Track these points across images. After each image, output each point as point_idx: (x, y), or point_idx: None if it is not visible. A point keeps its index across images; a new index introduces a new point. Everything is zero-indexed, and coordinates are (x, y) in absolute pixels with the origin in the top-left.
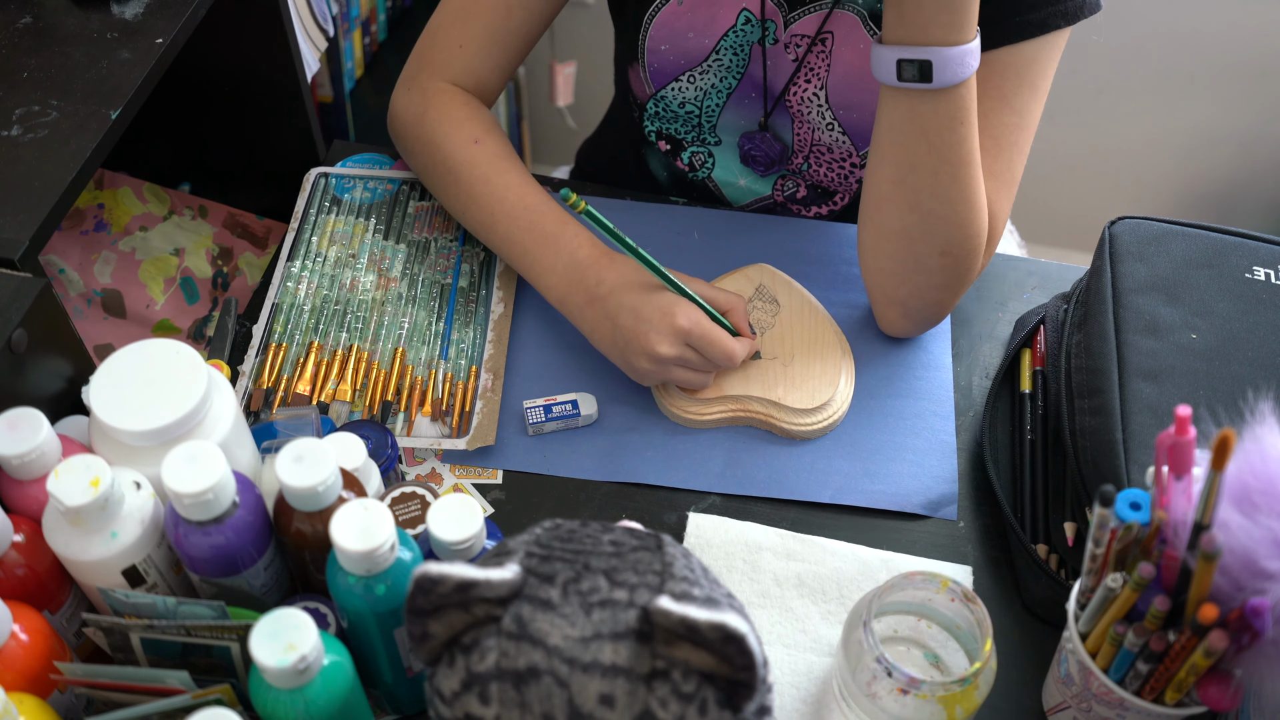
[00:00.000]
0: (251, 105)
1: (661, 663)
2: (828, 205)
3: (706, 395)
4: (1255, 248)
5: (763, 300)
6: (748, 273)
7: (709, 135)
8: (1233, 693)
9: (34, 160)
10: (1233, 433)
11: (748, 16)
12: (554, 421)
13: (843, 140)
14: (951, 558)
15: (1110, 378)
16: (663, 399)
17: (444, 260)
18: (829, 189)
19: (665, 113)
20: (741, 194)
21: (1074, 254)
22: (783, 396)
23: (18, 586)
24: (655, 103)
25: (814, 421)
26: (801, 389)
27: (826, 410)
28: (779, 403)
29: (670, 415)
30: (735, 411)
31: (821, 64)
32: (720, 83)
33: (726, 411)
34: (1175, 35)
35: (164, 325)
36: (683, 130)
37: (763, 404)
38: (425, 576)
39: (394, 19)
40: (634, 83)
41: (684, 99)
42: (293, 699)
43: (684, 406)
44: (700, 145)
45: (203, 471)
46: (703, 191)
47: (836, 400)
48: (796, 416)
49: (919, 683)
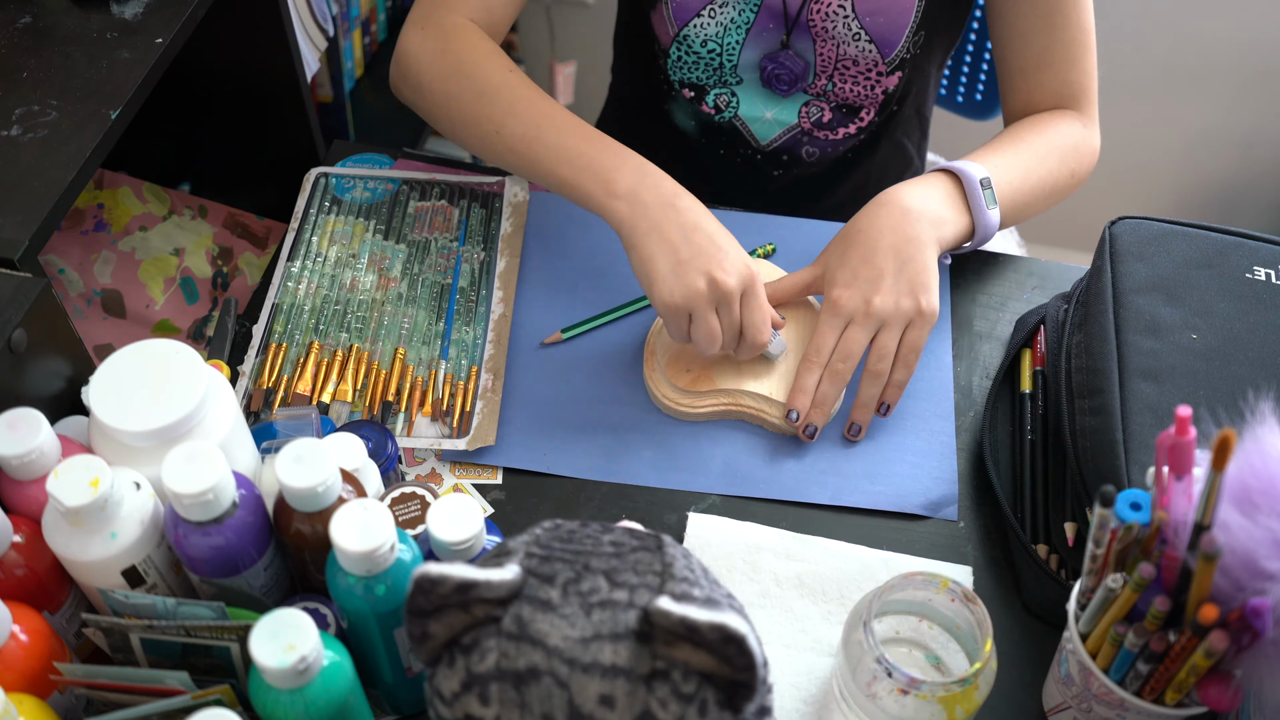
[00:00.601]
0: (251, 105)
1: (661, 663)
2: (855, 123)
3: (698, 388)
4: (1255, 248)
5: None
6: None
7: (730, 76)
8: (1233, 693)
9: (34, 160)
10: (1233, 433)
11: None
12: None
13: (869, 49)
14: (951, 558)
15: (1110, 378)
16: (655, 390)
17: (444, 260)
18: (854, 105)
19: (688, 56)
20: (769, 128)
21: (1074, 254)
22: (772, 391)
23: (17, 587)
24: (678, 46)
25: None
26: (789, 383)
27: None
28: (769, 397)
29: (661, 406)
30: (726, 405)
31: None
32: (739, 16)
33: (718, 405)
34: (1175, 35)
35: (164, 325)
36: (705, 76)
37: (753, 398)
38: (425, 577)
39: (394, 19)
40: (657, 27)
41: (705, 36)
42: (293, 699)
43: (675, 399)
44: (723, 87)
45: (203, 472)
46: (730, 133)
47: None
48: (783, 412)
49: (919, 683)
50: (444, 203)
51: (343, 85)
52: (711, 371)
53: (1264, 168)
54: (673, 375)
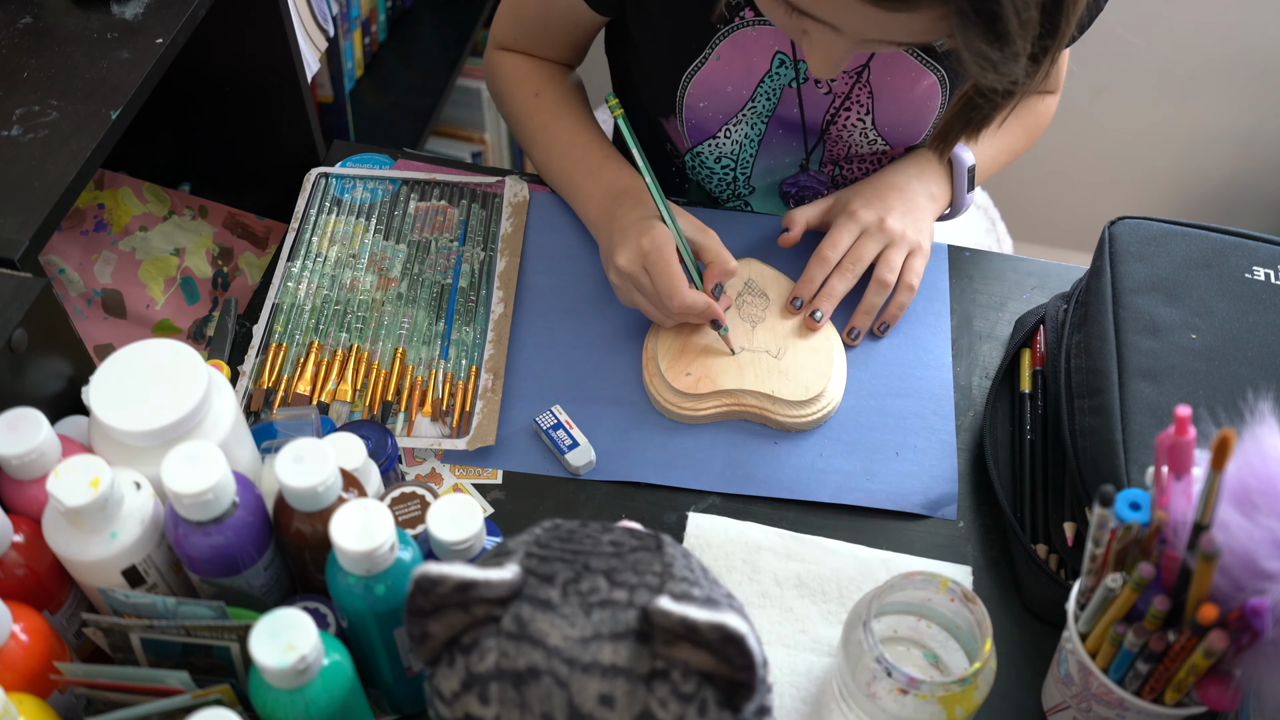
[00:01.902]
0: (251, 105)
1: (661, 663)
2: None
3: (700, 391)
4: (1255, 248)
5: (752, 294)
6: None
7: (743, 188)
8: (1232, 693)
9: (34, 160)
10: (1232, 433)
11: (781, 59)
12: (548, 438)
13: (884, 149)
14: (951, 558)
15: (1110, 378)
16: (655, 395)
17: (444, 260)
18: (857, 179)
19: (701, 169)
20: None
21: (1074, 254)
22: (776, 389)
23: (18, 586)
24: (693, 157)
25: (808, 413)
26: (794, 381)
27: (820, 402)
28: (772, 395)
29: (664, 411)
30: (730, 406)
31: (862, 93)
32: (752, 130)
33: (721, 406)
34: (1175, 35)
35: (164, 325)
36: (719, 187)
37: (756, 397)
38: (425, 577)
39: (394, 19)
40: (672, 133)
41: (720, 154)
42: (293, 699)
43: (677, 403)
44: (736, 199)
45: (203, 472)
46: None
47: (829, 392)
48: (790, 409)
49: (919, 683)
50: (444, 203)
51: (343, 85)
52: (712, 372)
53: (1264, 168)
54: (673, 379)
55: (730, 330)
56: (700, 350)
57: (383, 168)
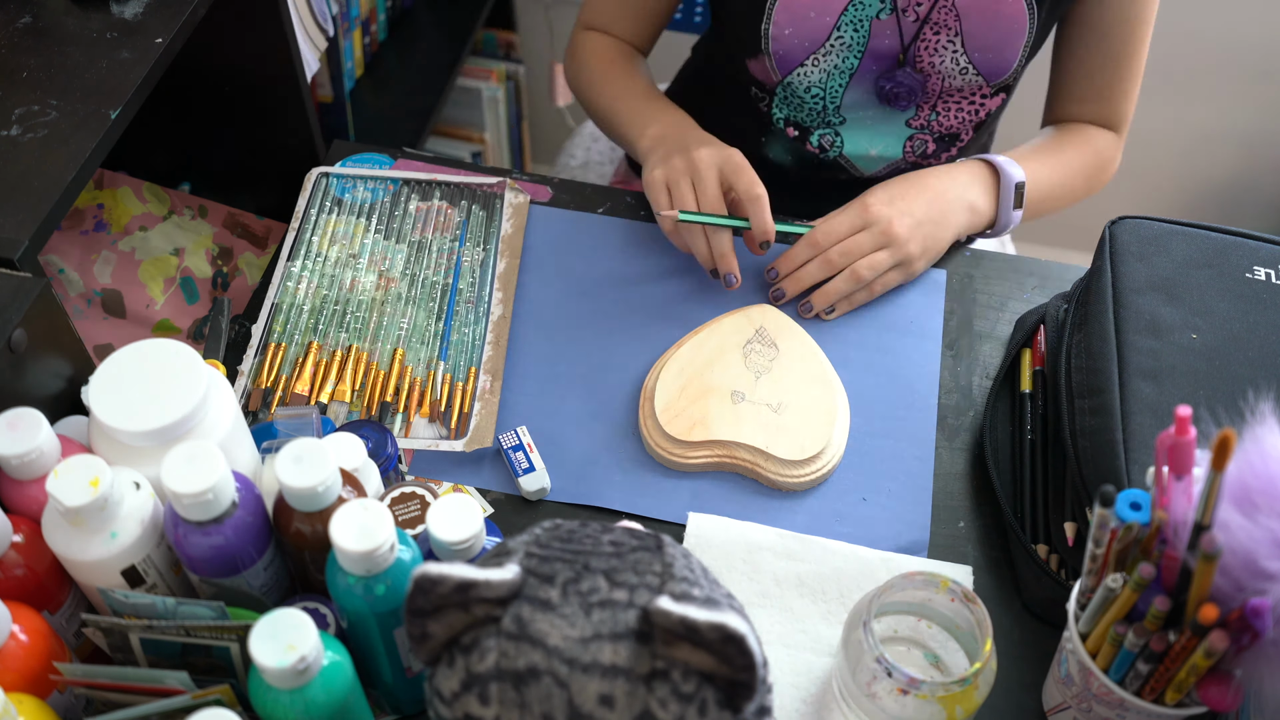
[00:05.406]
0: (251, 105)
1: (661, 663)
2: (955, 147)
3: (693, 439)
4: (1255, 248)
5: (762, 344)
6: (749, 313)
7: (834, 117)
8: (1233, 693)
9: (34, 160)
10: (1233, 433)
11: None
12: (506, 458)
13: (976, 80)
14: (951, 558)
15: (1110, 378)
16: (648, 439)
17: (444, 260)
18: (955, 132)
19: (792, 99)
20: (873, 163)
21: (1074, 254)
22: (770, 445)
23: (17, 587)
24: (783, 88)
25: (803, 474)
26: (790, 439)
27: (816, 463)
28: (766, 451)
29: (656, 456)
30: (721, 457)
31: (949, 16)
32: (843, 63)
33: (712, 456)
34: (1175, 35)
35: (164, 325)
36: (809, 118)
37: (750, 452)
38: (425, 577)
39: (394, 19)
40: (758, 73)
41: (809, 83)
42: (292, 699)
43: (668, 449)
44: (827, 127)
45: (202, 471)
46: (833, 168)
47: (827, 454)
48: (784, 468)
49: (919, 683)
50: (444, 203)
51: (343, 85)
52: (708, 419)
53: (1265, 167)
54: (665, 421)
55: (734, 379)
56: (699, 394)
57: (383, 168)
